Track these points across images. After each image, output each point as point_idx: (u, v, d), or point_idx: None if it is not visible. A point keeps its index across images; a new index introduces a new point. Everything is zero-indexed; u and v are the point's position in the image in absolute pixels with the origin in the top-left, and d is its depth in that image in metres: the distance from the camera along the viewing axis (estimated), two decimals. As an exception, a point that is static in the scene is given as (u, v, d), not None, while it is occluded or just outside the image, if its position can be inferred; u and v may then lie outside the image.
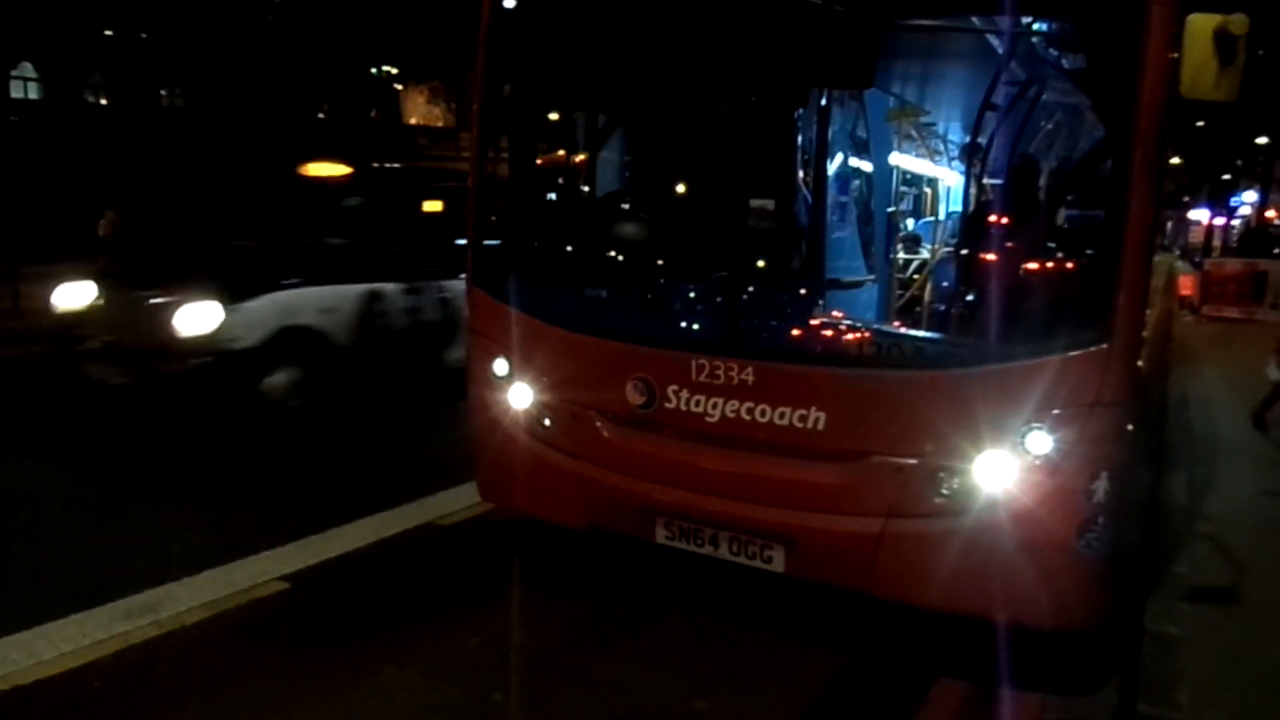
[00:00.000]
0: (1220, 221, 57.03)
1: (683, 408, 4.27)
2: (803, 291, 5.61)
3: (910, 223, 9.84)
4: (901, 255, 8.49)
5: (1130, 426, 5.13)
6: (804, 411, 4.02)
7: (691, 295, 5.06)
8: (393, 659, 4.09)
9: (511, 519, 5.44)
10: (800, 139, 6.30)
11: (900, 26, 4.57)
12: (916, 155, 9.71)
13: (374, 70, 43.30)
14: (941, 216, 10.94)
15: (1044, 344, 3.74)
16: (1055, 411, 3.66)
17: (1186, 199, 61.60)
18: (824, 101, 6.27)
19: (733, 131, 4.62)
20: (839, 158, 7.09)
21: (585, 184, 5.65)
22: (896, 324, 6.47)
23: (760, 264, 5.13)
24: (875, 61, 4.54)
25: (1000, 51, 5.21)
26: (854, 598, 4.10)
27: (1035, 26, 4.42)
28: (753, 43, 4.20)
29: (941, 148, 9.99)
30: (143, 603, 4.49)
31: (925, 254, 8.97)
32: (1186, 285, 22.90)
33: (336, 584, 4.91)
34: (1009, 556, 3.73)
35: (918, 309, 7.70)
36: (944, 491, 3.84)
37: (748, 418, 4.13)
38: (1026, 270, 4.46)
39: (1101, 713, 3.91)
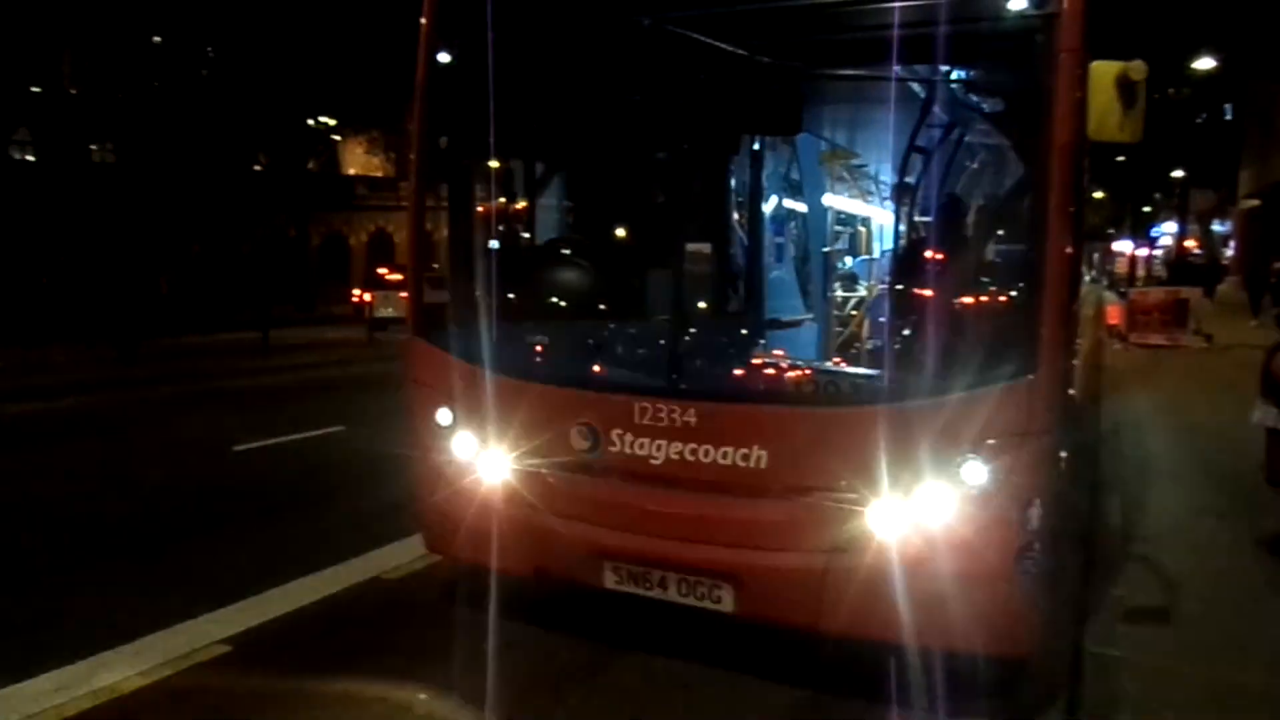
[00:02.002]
0: (1144, 252, 59.23)
1: (627, 451, 4.30)
2: (742, 332, 5.71)
3: (849, 260, 10.07)
4: (840, 293, 8.69)
5: (1062, 454, 5.30)
6: (746, 451, 4.08)
7: (632, 339, 5.11)
8: (340, 718, 4.00)
9: (461, 570, 5.38)
10: (734, 184, 6.43)
11: (825, 76, 4.74)
12: (850, 196, 9.97)
13: (311, 121, 43.09)
14: (876, 254, 11.24)
15: (974, 378, 3.86)
16: (988, 442, 3.77)
17: (1111, 231, 64.12)
18: (756, 147, 6.44)
19: (668, 178, 4.74)
20: (774, 200, 7.26)
21: (525, 232, 5.71)
22: (836, 361, 6.61)
23: (699, 307, 5.19)
24: (802, 109, 4.69)
25: (924, 97, 5.42)
26: (805, 635, 4.13)
27: (955, 74, 4.59)
28: (684, 94, 4.31)
29: (874, 188, 10.28)
30: (77, 673, 4.34)
31: (862, 291, 9.19)
32: (1114, 314, 23.69)
33: (281, 645, 4.80)
34: (950, 586, 3.80)
35: (856, 345, 7.87)
36: (885, 525, 3.91)
37: (691, 459, 4.18)
38: (956, 306, 4.60)
39: (1050, 736, 3.97)
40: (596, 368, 4.83)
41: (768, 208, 6.98)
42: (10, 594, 5.44)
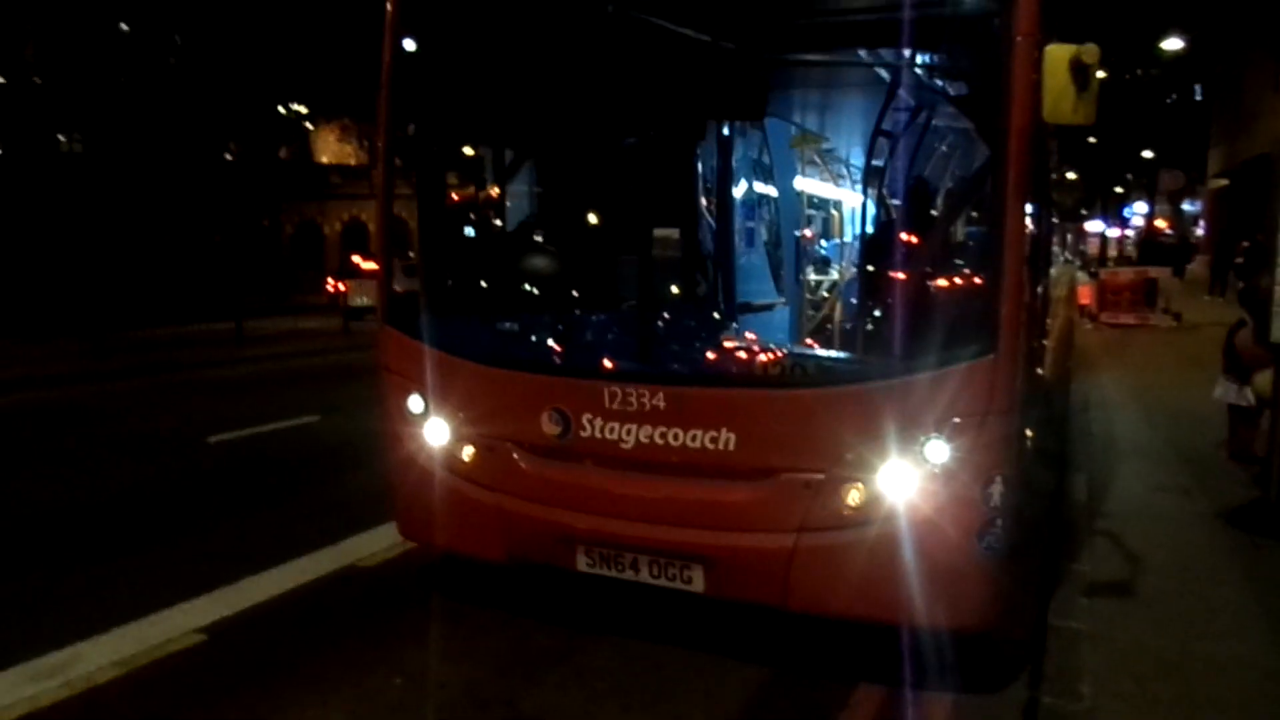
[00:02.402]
0: (1115, 233, 59.79)
1: (598, 435, 4.35)
2: (711, 316, 5.76)
3: (823, 243, 10.14)
4: (813, 277, 8.76)
5: (1027, 432, 5.38)
6: (714, 433, 4.14)
7: (602, 325, 5.16)
8: (315, 704, 4.04)
9: (435, 556, 5.43)
10: (702, 169, 6.47)
11: (788, 62, 4.78)
12: (821, 179, 10.04)
13: (282, 109, 42.66)
14: (849, 238, 11.33)
15: (936, 358, 3.95)
16: (950, 421, 3.85)
17: (1084, 212, 64.49)
18: (725, 132, 6.47)
19: (635, 165, 4.77)
20: (743, 185, 7.29)
21: (494, 219, 5.72)
22: (810, 343, 6.68)
23: (667, 291, 5.25)
24: (766, 95, 4.73)
25: (889, 81, 5.47)
26: (776, 612, 4.20)
27: (916, 58, 4.64)
28: (648, 80, 4.35)
29: (845, 171, 10.34)
30: (51, 664, 4.35)
31: (835, 275, 9.27)
32: (1085, 294, 23.98)
33: (256, 633, 4.82)
34: (915, 563, 3.89)
35: (828, 328, 7.94)
36: (851, 504, 4.00)
37: (661, 442, 4.24)
38: (919, 288, 4.68)
39: (1011, 708, 4.06)
40: (566, 353, 4.85)
41: (738, 192, 7.01)
42: None
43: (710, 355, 5.07)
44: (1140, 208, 55.98)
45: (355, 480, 7.21)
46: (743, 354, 4.98)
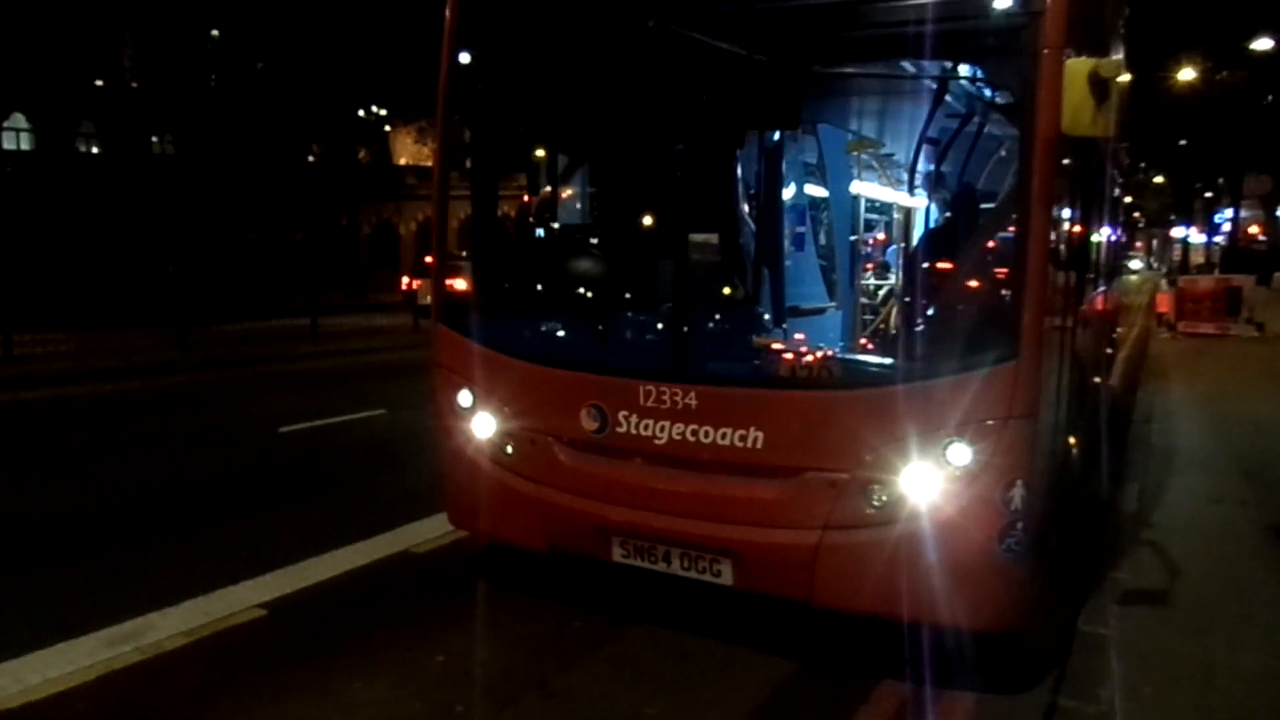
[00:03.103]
0: (1200, 239, 57.59)
1: (633, 432, 4.55)
2: (751, 318, 5.89)
3: (891, 248, 10.13)
4: (872, 281, 8.77)
5: (1069, 439, 5.37)
6: (743, 431, 4.31)
7: (640, 325, 5.34)
8: (361, 677, 4.31)
9: (482, 545, 5.68)
10: (747, 175, 6.59)
11: (823, 74, 4.90)
12: (881, 184, 10.04)
13: (363, 112, 43.82)
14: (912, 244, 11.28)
15: (959, 362, 4.04)
16: (972, 425, 3.94)
17: (1173, 217, 62.03)
18: (776, 138, 6.58)
19: (676, 171, 4.95)
20: (793, 189, 7.38)
21: (542, 223, 5.96)
22: (864, 345, 6.72)
23: (704, 294, 5.38)
24: (800, 105, 4.86)
25: (933, 90, 5.53)
26: (803, 609, 4.34)
27: (950, 69, 4.71)
28: (687, 91, 4.52)
29: (904, 177, 10.32)
30: (125, 631, 4.71)
31: (894, 279, 9.26)
32: (1163, 303, 23.32)
33: (312, 610, 5.13)
34: (936, 563, 3.99)
35: (886, 331, 7.96)
36: (875, 503, 4.12)
37: (692, 439, 4.42)
38: (950, 293, 4.72)
39: (1034, 710, 4.11)
40: (605, 352, 5.05)
41: (787, 197, 7.10)
42: (69, 560, 5.87)
43: (739, 356, 5.20)
44: (1231, 213, 53.91)
45: (415, 471, 7.51)
46: (773, 356, 5.11)
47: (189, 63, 36.71)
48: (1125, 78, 11.01)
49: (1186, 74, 32.49)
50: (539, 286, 5.70)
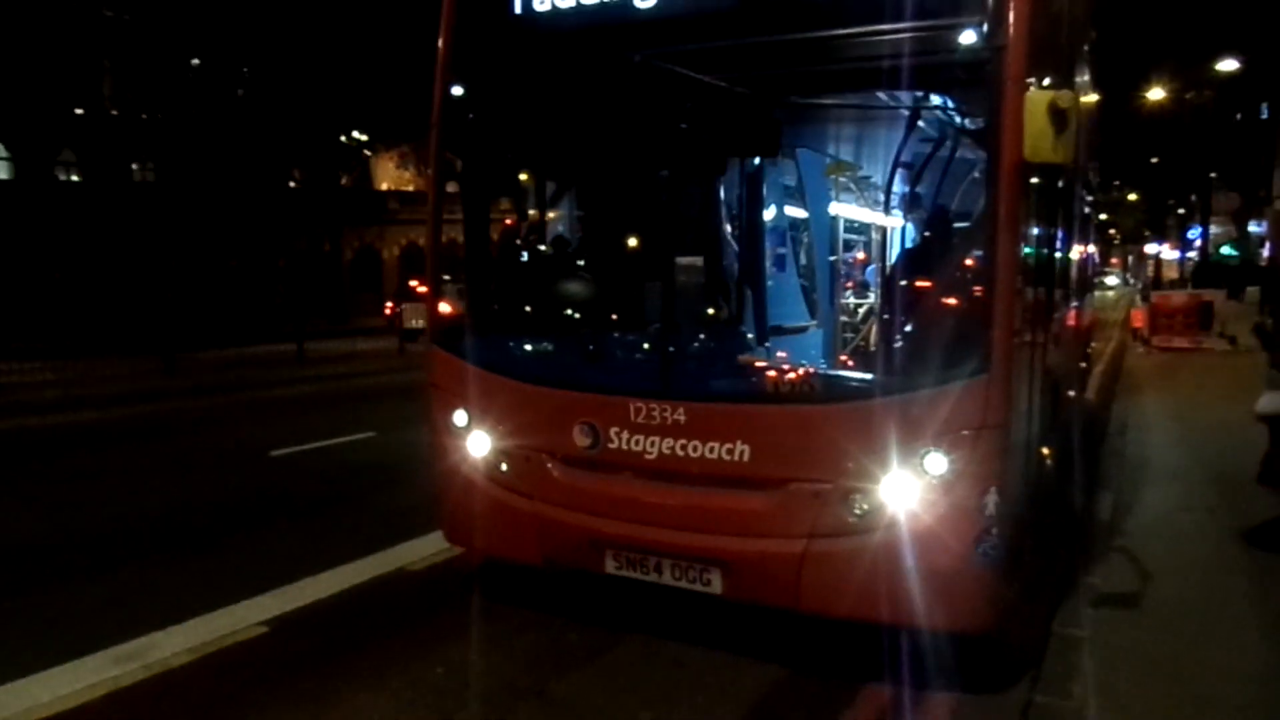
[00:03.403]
0: (1172, 255, 58.46)
1: (624, 447, 4.73)
2: (735, 337, 6.08)
3: (870, 268, 10.35)
4: (852, 300, 8.99)
5: (1043, 449, 5.54)
6: (730, 445, 4.50)
7: (629, 345, 5.53)
8: (364, 689, 4.45)
9: (476, 562, 5.83)
10: (729, 199, 6.79)
11: (799, 105, 5.13)
12: (858, 205, 10.29)
13: (344, 137, 43.99)
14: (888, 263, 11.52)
15: (934, 376, 4.24)
16: (947, 435, 4.15)
17: (1147, 233, 62.81)
18: (756, 163, 6.80)
19: (660, 196, 5.16)
20: (774, 212, 7.59)
21: (532, 247, 6.15)
22: (845, 361, 6.91)
23: (690, 314, 5.56)
24: (779, 133, 5.08)
25: (906, 117, 5.73)
26: (792, 616, 4.52)
27: (921, 99, 4.90)
28: (670, 122, 4.74)
29: (881, 198, 10.57)
30: (131, 650, 4.83)
31: (873, 299, 9.48)
32: (1138, 318, 23.75)
33: (313, 627, 5.26)
34: (915, 568, 4.18)
35: (866, 349, 8.16)
36: (856, 512, 4.32)
37: (681, 453, 4.60)
38: (923, 311, 4.93)
39: (1011, 708, 4.29)
40: (596, 371, 5.22)
41: (768, 220, 7.31)
42: (71, 582, 5.97)
43: (725, 374, 5.40)
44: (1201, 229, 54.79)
45: (406, 492, 7.66)
46: (756, 372, 5.27)
47: (169, 90, 36.82)
48: (1092, 99, 11.34)
49: (1156, 94, 33.25)
50: (530, 308, 5.87)
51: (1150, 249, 60.35)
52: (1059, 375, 7.06)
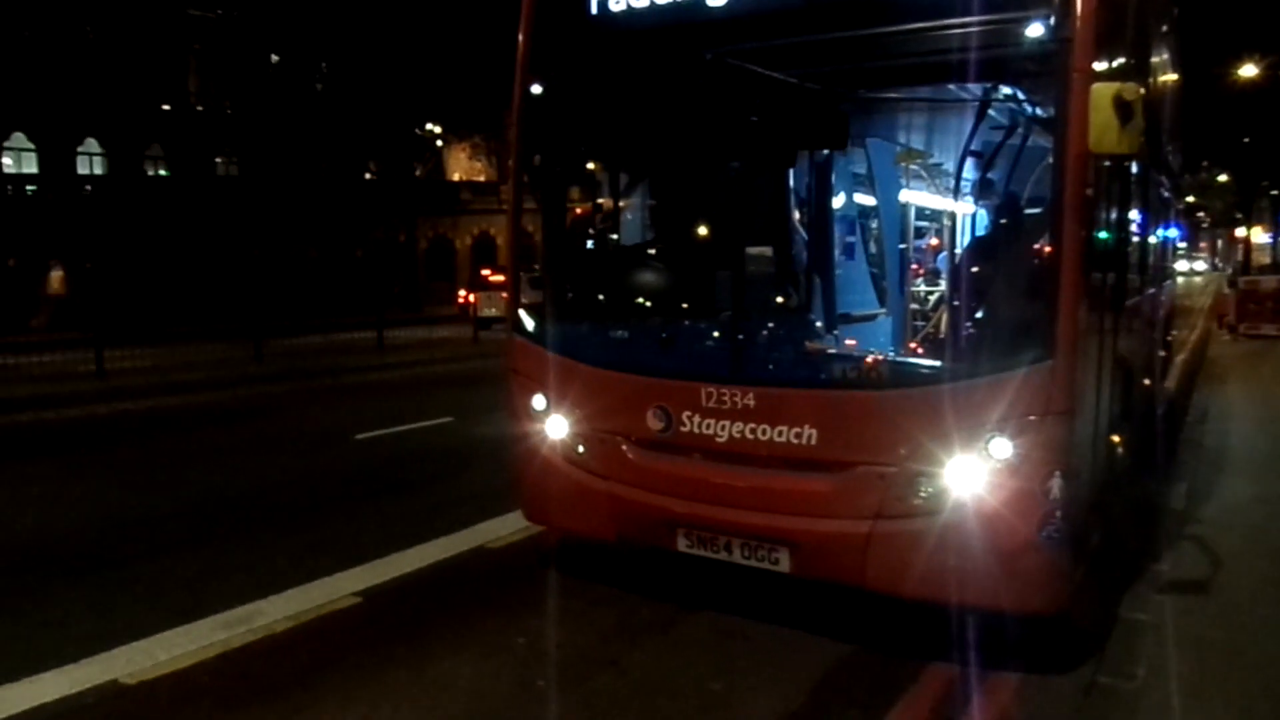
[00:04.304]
0: (1266, 239, 56.03)
1: (696, 431, 4.94)
2: (804, 325, 6.22)
3: (941, 256, 10.31)
4: (923, 287, 8.98)
5: (1114, 437, 5.52)
6: (798, 429, 4.68)
7: (701, 332, 5.70)
8: (451, 656, 4.75)
9: (554, 541, 6.10)
10: (799, 190, 6.88)
11: (865, 98, 5.22)
12: (930, 192, 10.23)
13: (418, 129, 44.92)
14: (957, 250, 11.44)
15: (999, 363, 4.37)
16: (1012, 421, 4.26)
17: (1238, 216, 60.37)
18: (826, 154, 6.87)
19: (732, 188, 5.32)
20: (842, 201, 7.64)
21: (609, 237, 6.36)
22: (915, 348, 6.95)
23: (759, 302, 5.72)
24: (847, 127, 5.20)
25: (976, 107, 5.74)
26: (859, 595, 4.67)
27: (989, 90, 4.88)
28: (742, 117, 4.91)
29: (952, 185, 10.51)
30: (237, 615, 5.22)
31: (945, 286, 9.45)
32: (1224, 304, 23.02)
33: (402, 598, 5.60)
34: (980, 549, 4.30)
35: (930, 337, 8.18)
36: (922, 494, 4.46)
37: (751, 437, 4.79)
38: (991, 298, 5.01)
39: (1074, 688, 4.37)
40: (669, 357, 5.40)
41: (837, 208, 7.37)
42: (176, 555, 6.42)
43: (793, 359, 5.56)
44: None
45: (483, 475, 7.99)
46: (824, 358, 5.44)
47: (251, 86, 38.08)
48: (1171, 78, 11.04)
49: (1248, 70, 31.93)
50: (605, 297, 6.10)
51: (1240, 232, 58.02)
52: (1132, 363, 7.04)
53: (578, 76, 5.53)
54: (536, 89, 5.60)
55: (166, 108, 37.21)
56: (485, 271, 30.94)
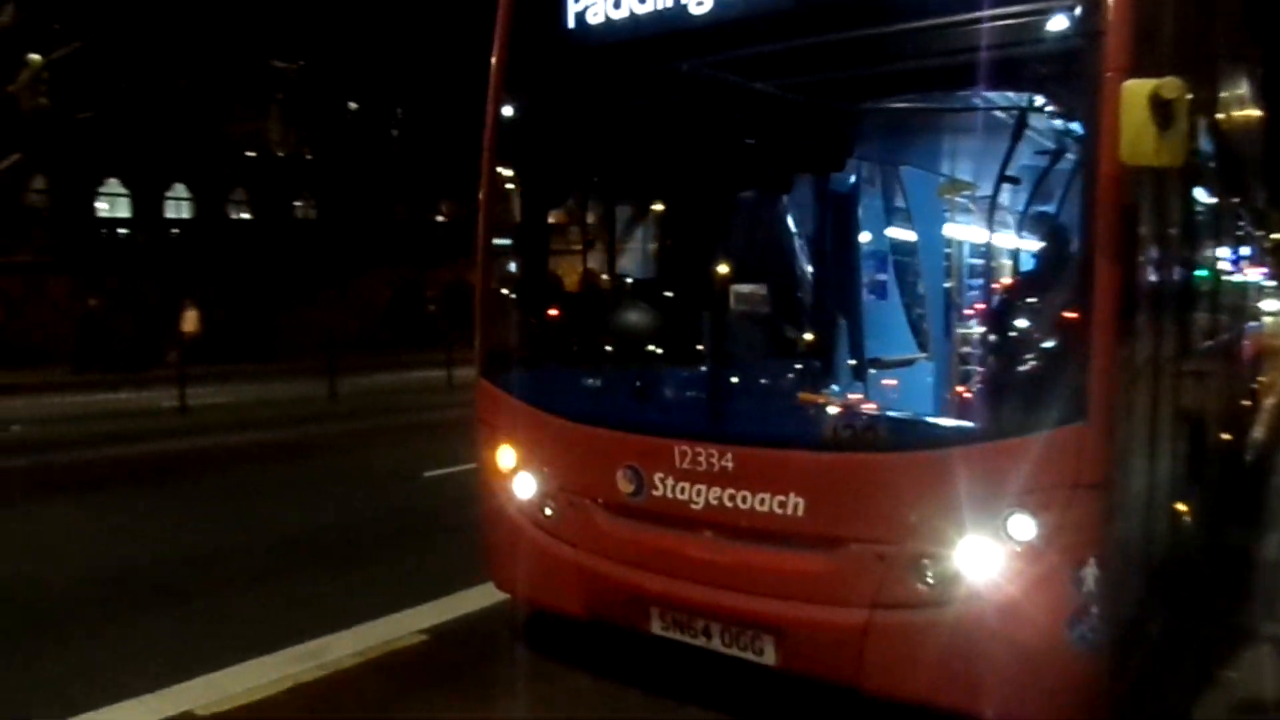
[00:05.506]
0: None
1: (669, 495, 4.34)
2: (799, 374, 5.49)
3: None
4: (977, 329, 8.47)
5: (1180, 506, 4.72)
6: (782, 497, 4.03)
7: (678, 381, 5.07)
8: (514, 695, 4.85)
9: (526, 609, 5.50)
10: (806, 221, 6.20)
11: (863, 110, 4.68)
12: (980, 227, 9.79)
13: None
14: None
15: (1021, 422, 3.67)
16: (1035, 494, 3.57)
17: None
18: (850, 183, 6.16)
19: (716, 219, 4.80)
20: (871, 236, 6.93)
21: (583, 276, 5.92)
22: (961, 395, 6.30)
23: (749, 348, 5.08)
24: (845, 145, 4.75)
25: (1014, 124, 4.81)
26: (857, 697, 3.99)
27: (1010, 100, 4.26)
28: (722, 136, 4.38)
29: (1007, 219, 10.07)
30: (308, 650, 5.37)
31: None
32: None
33: (468, 635, 5.68)
34: (998, 650, 3.63)
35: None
36: (927, 580, 3.79)
37: (730, 505, 4.17)
38: (1012, 343, 4.30)
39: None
40: (640, 409, 4.79)
41: (865, 243, 6.75)
42: (247, 589, 6.65)
43: (780, 415, 4.77)
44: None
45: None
46: (812, 414, 4.56)
47: (329, 132, 39.41)
48: (1254, 114, 10.41)
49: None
50: (579, 339, 5.56)
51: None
52: (1205, 416, 6.22)
53: (555, 95, 5.02)
54: (510, 111, 5.14)
55: (251, 154, 38.66)
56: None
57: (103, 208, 35.76)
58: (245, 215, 39.58)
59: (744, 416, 4.54)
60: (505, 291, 5.52)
